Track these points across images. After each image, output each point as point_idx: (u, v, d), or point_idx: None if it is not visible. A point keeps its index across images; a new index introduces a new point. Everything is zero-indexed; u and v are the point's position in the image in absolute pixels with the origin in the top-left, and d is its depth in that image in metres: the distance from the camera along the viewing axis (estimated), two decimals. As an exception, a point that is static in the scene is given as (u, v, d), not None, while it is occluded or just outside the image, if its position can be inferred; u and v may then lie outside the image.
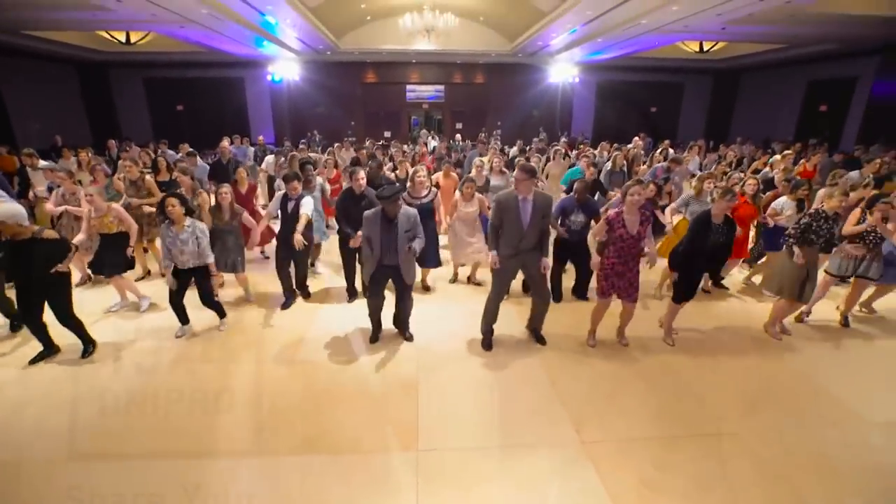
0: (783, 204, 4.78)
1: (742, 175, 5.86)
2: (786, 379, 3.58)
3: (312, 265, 5.53)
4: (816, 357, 3.91)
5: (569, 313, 4.65)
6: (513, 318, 4.43)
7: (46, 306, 3.57)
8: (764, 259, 5.25)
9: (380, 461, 2.71)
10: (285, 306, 4.68)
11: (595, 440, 2.86)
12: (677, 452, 2.77)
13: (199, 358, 3.80)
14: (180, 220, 3.78)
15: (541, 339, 4.01)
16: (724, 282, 5.31)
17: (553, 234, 4.98)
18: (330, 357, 3.80)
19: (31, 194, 6.29)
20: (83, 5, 9.09)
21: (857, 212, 4.14)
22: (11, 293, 4.02)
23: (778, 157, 7.41)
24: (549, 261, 3.69)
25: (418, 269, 4.88)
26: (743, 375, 3.62)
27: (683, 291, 3.86)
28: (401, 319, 4.04)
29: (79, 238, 4.23)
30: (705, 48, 16.20)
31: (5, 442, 2.87)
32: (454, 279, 5.39)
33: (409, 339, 4.03)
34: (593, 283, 3.96)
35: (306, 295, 4.93)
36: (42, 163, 7.10)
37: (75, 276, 5.07)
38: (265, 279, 5.25)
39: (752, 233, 5.35)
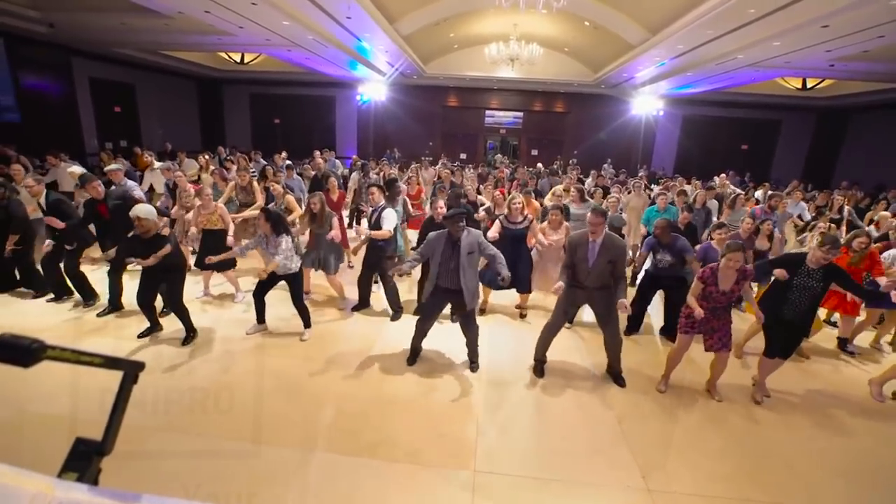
0: (893, 256, 4.32)
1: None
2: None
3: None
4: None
5: (645, 350, 4.48)
6: (581, 348, 4.36)
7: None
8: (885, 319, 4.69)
9: (436, 475, 2.75)
10: (356, 308, 4.97)
11: (664, 490, 2.71)
12: (757, 519, 2.55)
13: (270, 353, 4.09)
14: (269, 233, 4.10)
15: (620, 381, 3.85)
16: (850, 347, 4.66)
17: (643, 266, 4.90)
18: (396, 368, 3.92)
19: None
20: (212, 31, 10.44)
21: None
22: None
23: (886, 213, 6.51)
24: (625, 302, 3.60)
25: (503, 295, 5.00)
26: (848, 448, 3.21)
27: (770, 339, 3.56)
28: (468, 348, 3.96)
29: (191, 231, 4.84)
30: (809, 85, 14.99)
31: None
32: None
33: (474, 369, 3.91)
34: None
35: (397, 312, 4.88)
36: (157, 164, 8.13)
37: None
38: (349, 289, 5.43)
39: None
